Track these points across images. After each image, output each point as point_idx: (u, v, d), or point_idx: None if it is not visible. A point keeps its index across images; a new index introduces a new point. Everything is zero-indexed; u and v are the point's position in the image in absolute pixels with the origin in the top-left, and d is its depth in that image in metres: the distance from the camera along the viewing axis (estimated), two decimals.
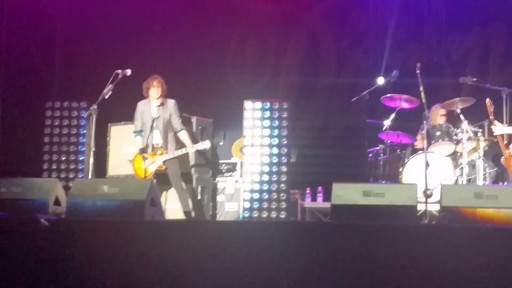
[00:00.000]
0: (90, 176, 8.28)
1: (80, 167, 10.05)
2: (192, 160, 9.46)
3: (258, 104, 9.54)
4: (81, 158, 10.09)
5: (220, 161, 10.21)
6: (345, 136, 10.57)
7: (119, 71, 8.35)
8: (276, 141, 9.44)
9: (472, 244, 5.51)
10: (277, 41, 11.11)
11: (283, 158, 9.43)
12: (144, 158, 8.49)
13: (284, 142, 9.45)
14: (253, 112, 9.52)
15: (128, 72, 8.42)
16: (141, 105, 8.69)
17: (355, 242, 5.76)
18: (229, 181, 9.87)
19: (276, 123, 9.49)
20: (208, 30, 11.03)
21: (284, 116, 9.49)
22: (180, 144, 8.68)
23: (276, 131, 9.47)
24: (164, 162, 8.48)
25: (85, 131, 10.16)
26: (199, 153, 9.36)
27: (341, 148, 10.49)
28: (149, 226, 6.28)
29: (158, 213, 7.21)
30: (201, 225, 6.46)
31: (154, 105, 8.62)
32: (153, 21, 11.20)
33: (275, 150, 9.43)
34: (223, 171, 10.08)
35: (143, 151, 8.53)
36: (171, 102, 8.67)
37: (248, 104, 9.55)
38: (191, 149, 8.61)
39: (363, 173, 9.62)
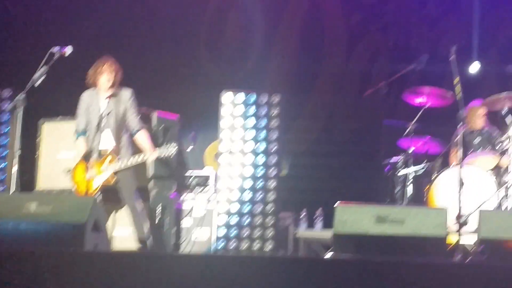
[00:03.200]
0: (12, 190, 8.23)
1: (0, 178, 10.02)
2: (150, 171, 9.44)
3: (241, 97, 9.53)
4: (1, 165, 10.05)
5: (187, 173, 10.21)
6: (354, 141, 10.63)
7: (56, 48, 8.32)
8: (263, 146, 9.44)
9: None
10: (267, 13, 11.14)
11: (272, 169, 9.42)
12: (88, 168, 8.46)
13: (274, 149, 9.45)
14: (233, 107, 9.52)
15: (68, 50, 8.38)
16: (86, 96, 8.66)
17: (364, 285, 5.76)
18: (199, 199, 9.87)
19: (264, 122, 9.49)
20: None
21: (275, 113, 9.49)
22: (136, 149, 8.67)
23: (263, 134, 9.47)
24: (115, 173, 8.46)
25: (7, 129, 10.12)
26: (160, 161, 9.35)
27: (349, 157, 10.55)
28: (91, 258, 6.26)
29: (103, 241, 7.19)
30: (160, 258, 6.43)
31: (104, 97, 8.60)
32: None
33: (261, 159, 9.43)
34: (192, 186, 10.09)
35: (87, 158, 8.51)
36: (126, 93, 8.65)
37: (226, 97, 9.54)
38: (151, 155, 8.59)
39: (377, 192, 9.65)
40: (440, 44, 10.35)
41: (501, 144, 9.07)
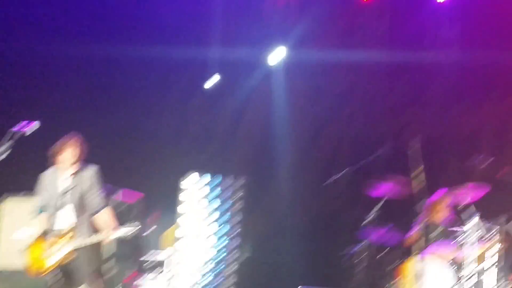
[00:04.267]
0: None
1: None
2: (111, 250, 9.34)
3: (206, 178, 9.52)
4: None
5: (145, 257, 10.07)
6: (316, 227, 10.60)
7: (14, 128, 8.26)
8: (225, 228, 9.41)
9: None
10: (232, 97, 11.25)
11: (234, 252, 9.36)
12: (46, 245, 8.31)
13: (238, 230, 9.42)
14: (198, 189, 9.50)
15: (28, 131, 8.28)
16: (47, 175, 8.54)
17: None
18: (158, 281, 9.75)
19: (228, 204, 9.48)
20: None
21: (240, 194, 9.50)
22: (95, 229, 8.57)
23: (227, 216, 9.44)
24: (74, 250, 8.30)
25: None
26: (121, 241, 9.24)
27: (310, 242, 10.51)
28: None
29: None
30: None
31: (67, 175, 8.50)
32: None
33: (223, 241, 9.39)
34: (151, 268, 9.97)
35: (45, 234, 8.39)
36: (90, 171, 8.52)
37: (192, 177, 9.52)
38: (113, 233, 8.42)
39: (339, 276, 9.59)
40: (404, 133, 10.40)
41: (459, 237, 9.06)
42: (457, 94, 10.80)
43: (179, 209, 9.40)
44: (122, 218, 9.38)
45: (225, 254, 9.36)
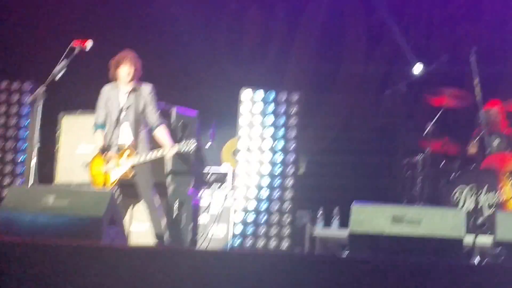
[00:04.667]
0: (31, 183, 8.26)
1: (19, 170, 10.04)
2: (168, 166, 9.44)
3: (260, 94, 9.52)
4: (20, 158, 10.09)
5: (205, 170, 10.21)
6: (373, 140, 10.58)
7: (76, 43, 8.34)
8: (281, 144, 9.44)
9: None
10: (287, 12, 11.11)
11: (289, 167, 9.41)
12: (106, 161, 8.47)
13: (292, 147, 9.44)
14: (252, 104, 9.51)
15: (89, 44, 8.40)
16: (106, 90, 8.67)
17: (379, 284, 5.74)
18: (216, 196, 9.87)
19: (282, 120, 9.48)
20: None
21: (293, 111, 9.48)
22: (154, 145, 8.68)
23: (282, 131, 9.46)
24: (133, 167, 8.46)
25: (27, 122, 10.14)
26: (178, 157, 9.35)
27: (367, 156, 10.50)
28: (107, 252, 6.27)
29: (120, 236, 7.20)
30: (176, 254, 6.43)
31: (124, 91, 8.60)
32: None
33: (279, 157, 9.42)
34: (209, 182, 10.08)
35: (104, 150, 8.52)
36: (146, 88, 8.65)
37: (246, 94, 9.53)
38: (170, 150, 8.57)
39: (394, 191, 9.62)
40: (460, 45, 10.28)
41: None
42: None
43: (240, 120, 9.38)
44: (178, 135, 9.47)
45: (281, 169, 9.37)
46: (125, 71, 8.51)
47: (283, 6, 11.20)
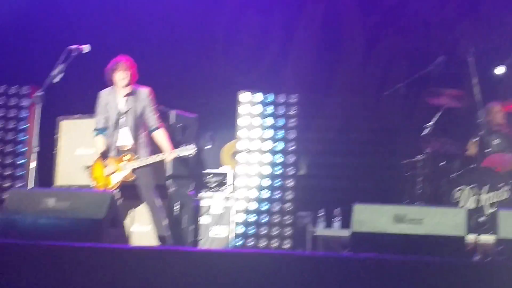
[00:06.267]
0: (31, 186, 8.25)
1: (19, 173, 10.07)
2: (169, 169, 9.45)
3: (258, 97, 9.56)
4: (20, 162, 10.09)
5: (205, 171, 10.22)
6: (373, 141, 10.60)
7: (73, 47, 8.36)
8: (280, 145, 9.45)
9: None
10: (285, 13, 11.12)
11: (290, 168, 9.43)
12: (107, 165, 8.48)
13: (292, 148, 9.46)
14: (251, 106, 9.54)
15: (86, 48, 8.42)
16: (104, 95, 8.69)
17: (382, 283, 5.74)
18: (217, 197, 9.87)
19: (282, 122, 9.50)
20: None
21: (293, 113, 9.51)
22: (154, 147, 8.68)
23: (281, 133, 9.48)
24: (134, 170, 8.48)
25: (26, 125, 10.16)
26: (178, 160, 9.36)
27: (367, 157, 10.51)
28: (108, 254, 6.26)
29: (121, 237, 7.20)
30: (178, 255, 6.42)
31: (121, 95, 8.62)
32: None
33: (279, 158, 9.44)
34: (209, 184, 10.09)
35: (105, 155, 8.54)
36: (144, 92, 8.67)
37: (244, 96, 9.56)
38: (170, 155, 8.61)
39: (395, 192, 9.62)
40: (459, 46, 10.29)
41: None
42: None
43: (239, 122, 9.39)
44: (177, 137, 9.48)
45: (281, 170, 9.40)
46: (120, 76, 8.55)
47: (281, 9, 11.19)
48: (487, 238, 8.04)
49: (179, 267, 6.01)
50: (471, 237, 7.20)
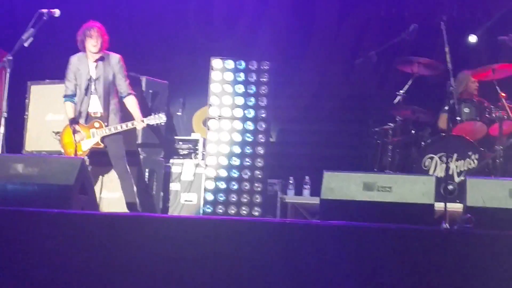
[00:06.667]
0: None
1: None
2: (139, 136, 9.43)
3: (230, 63, 9.54)
4: None
5: (176, 138, 10.20)
6: (344, 109, 10.61)
7: (44, 10, 8.27)
8: (251, 113, 9.45)
9: (504, 255, 5.54)
10: None
11: (260, 136, 9.44)
12: (76, 131, 8.44)
13: (263, 115, 9.46)
14: (222, 73, 9.52)
15: (57, 12, 8.34)
16: (75, 60, 8.63)
17: (351, 250, 5.76)
18: (187, 164, 9.86)
19: (253, 89, 9.50)
20: None
21: (264, 80, 9.50)
22: (125, 113, 8.66)
23: (253, 100, 9.47)
24: (103, 138, 8.46)
25: None
26: (149, 127, 9.34)
27: (338, 125, 10.53)
28: (77, 220, 6.23)
29: (90, 203, 7.20)
30: (147, 221, 6.41)
31: (92, 62, 8.57)
32: None
33: (249, 125, 9.45)
34: (180, 151, 10.07)
35: (74, 121, 8.50)
36: (115, 58, 8.63)
37: (216, 63, 9.54)
38: (140, 124, 8.60)
39: (365, 159, 9.66)
40: (431, 14, 10.29)
41: (491, 114, 9.06)
42: None
43: (210, 89, 9.37)
44: (148, 104, 9.46)
45: (252, 137, 9.40)
46: (91, 42, 8.51)
47: None
48: (456, 206, 8.11)
49: (148, 234, 5.99)
50: (439, 205, 7.24)
